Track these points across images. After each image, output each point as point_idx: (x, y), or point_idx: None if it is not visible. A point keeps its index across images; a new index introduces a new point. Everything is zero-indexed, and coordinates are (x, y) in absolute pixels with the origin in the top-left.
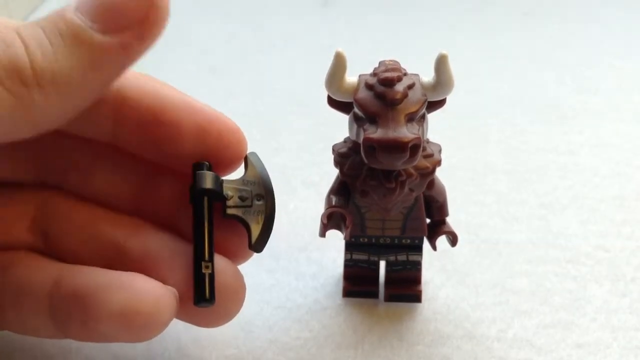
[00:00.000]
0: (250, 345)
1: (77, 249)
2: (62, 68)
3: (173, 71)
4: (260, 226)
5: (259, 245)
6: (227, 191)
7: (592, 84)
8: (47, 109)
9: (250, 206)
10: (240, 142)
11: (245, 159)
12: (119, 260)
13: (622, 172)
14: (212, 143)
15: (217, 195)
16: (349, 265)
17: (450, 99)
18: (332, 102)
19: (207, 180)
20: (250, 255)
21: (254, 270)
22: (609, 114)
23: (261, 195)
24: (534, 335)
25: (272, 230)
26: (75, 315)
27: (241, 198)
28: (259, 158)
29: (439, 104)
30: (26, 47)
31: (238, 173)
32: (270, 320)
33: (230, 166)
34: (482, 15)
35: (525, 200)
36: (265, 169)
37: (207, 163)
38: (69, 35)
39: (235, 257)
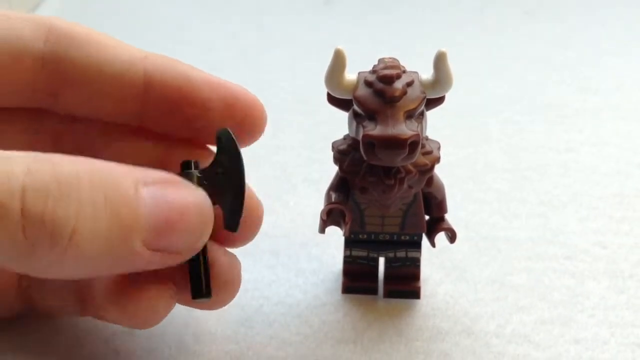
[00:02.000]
0: (251, 340)
1: None
2: (92, 252)
3: None
4: (230, 202)
5: (230, 224)
6: (203, 177)
7: (592, 83)
8: (55, 271)
9: (214, 186)
10: (262, 115)
11: (217, 138)
12: None
13: (621, 170)
14: (238, 117)
15: None
16: (348, 261)
17: (450, 97)
18: (332, 100)
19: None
20: (249, 238)
21: (254, 266)
22: (609, 112)
23: (223, 172)
24: (532, 331)
25: (243, 205)
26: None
27: (215, 181)
28: (229, 134)
29: (438, 101)
30: (79, 209)
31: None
32: (270, 316)
33: (253, 137)
34: (482, 15)
35: (524, 198)
36: (234, 145)
37: (194, 161)
38: (119, 232)
39: (231, 242)
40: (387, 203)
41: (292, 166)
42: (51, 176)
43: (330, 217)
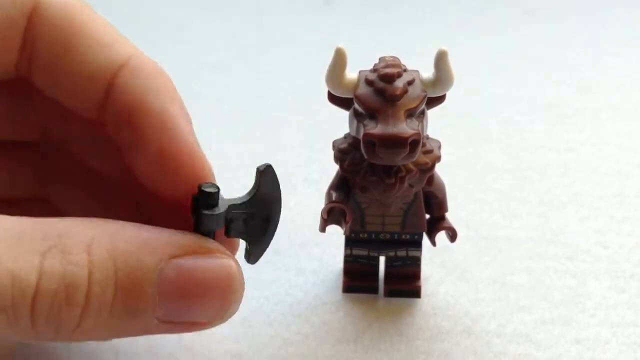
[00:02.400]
0: (251, 340)
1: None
2: (98, 335)
3: (175, 69)
4: (260, 243)
5: (254, 258)
6: (232, 216)
7: (592, 83)
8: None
9: (254, 227)
10: (196, 169)
11: (258, 172)
12: None
13: (621, 169)
14: (169, 170)
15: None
16: (349, 260)
17: (450, 97)
18: (333, 98)
19: (215, 223)
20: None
21: (254, 266)
22: (609, 112)
23: (267, 219)
24: (533, 331)
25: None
26: None
27: (245, 221)
28: (273, 172)
29: (439, 100)
30: (85, 309)
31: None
32: (271, 315)
33: (178, 190)
34: (482, 14)
35: (525, 197)
36: (277, 186)
37: (215, 189)
38: (130, 312)
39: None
40: (388, 202)
41: (292, 166)
42: (59, 280)
43: (331, 216)
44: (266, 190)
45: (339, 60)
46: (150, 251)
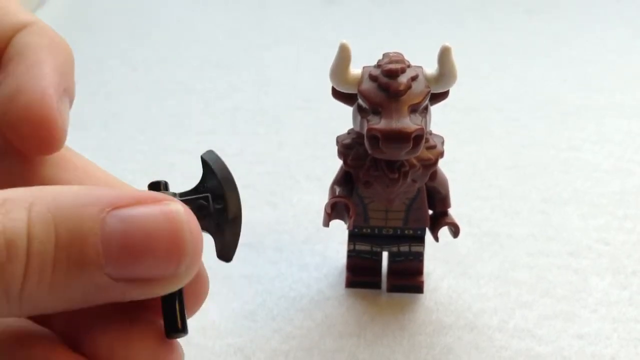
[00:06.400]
0: (254, 334)
1: None
2: (46, 301)
3: (178, 66)
4: (224, 232)
5: (225, 253)
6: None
7: (594, 81)
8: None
9: (210, 214)
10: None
11: (202, 160)
12: None
13: (623, 167)
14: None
15: None
16: (352, 256)
17: (453, 94)
18: (337, 94)
19: None
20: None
21: (257, 261)
22: (611, 110)
23: (220, 196)
24: (535, 326)
25: (240, 234)
26: None
27: (199, 208)
28: (216, 155)
29: (442, 96)
30: (27, 264)
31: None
32: (274, 310)
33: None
34: (485, 12)
35: (526, 194)
36: (225, 167)
37: (163, 182)
38: (75, 265)
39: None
40: (391, 197)
41: (295, 162)
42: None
43: (334, 211)
44: (213, 170)
45: (343, 56)
46: (91, 202)
